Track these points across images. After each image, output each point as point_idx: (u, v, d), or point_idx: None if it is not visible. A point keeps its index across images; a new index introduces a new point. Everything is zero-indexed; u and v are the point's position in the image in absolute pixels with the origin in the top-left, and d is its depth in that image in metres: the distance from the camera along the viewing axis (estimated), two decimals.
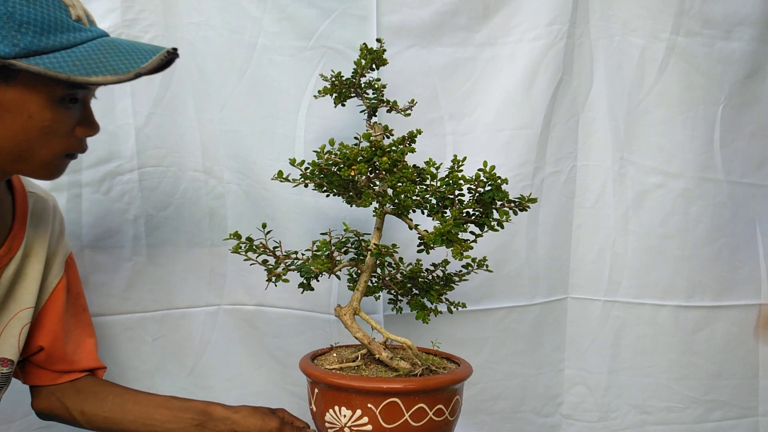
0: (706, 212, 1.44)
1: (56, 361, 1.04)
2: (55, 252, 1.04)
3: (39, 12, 0.76)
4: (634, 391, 1.50)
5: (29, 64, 0.74)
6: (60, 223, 1.08)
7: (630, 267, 1.47)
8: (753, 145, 1.46)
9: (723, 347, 1.48)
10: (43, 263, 1.00)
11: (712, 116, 1.43)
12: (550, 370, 1.51)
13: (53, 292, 1.04)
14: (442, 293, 1.08)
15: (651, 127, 1.43)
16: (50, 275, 1.04)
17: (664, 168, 1.44)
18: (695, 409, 1.49)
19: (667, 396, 1.49)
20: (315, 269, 0.94)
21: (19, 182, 1.00)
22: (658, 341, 1.48)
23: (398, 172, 0.95)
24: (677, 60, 1.41)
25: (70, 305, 1.08)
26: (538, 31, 1.40)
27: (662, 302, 1.46)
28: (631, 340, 1.49)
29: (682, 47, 1.41)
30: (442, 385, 0.94)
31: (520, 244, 1.46)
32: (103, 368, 1.11)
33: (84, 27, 0.82)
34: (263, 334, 1.42)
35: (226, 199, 1.39)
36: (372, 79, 1.09)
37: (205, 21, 1.33)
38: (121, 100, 1.31)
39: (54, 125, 0.81)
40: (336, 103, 1.09)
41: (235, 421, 0.99)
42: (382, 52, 1.06)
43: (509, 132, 1.42)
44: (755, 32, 1.42)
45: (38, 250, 1.00)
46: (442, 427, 0.94)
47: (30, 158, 0.83)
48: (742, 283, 1.48)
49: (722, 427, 1.50)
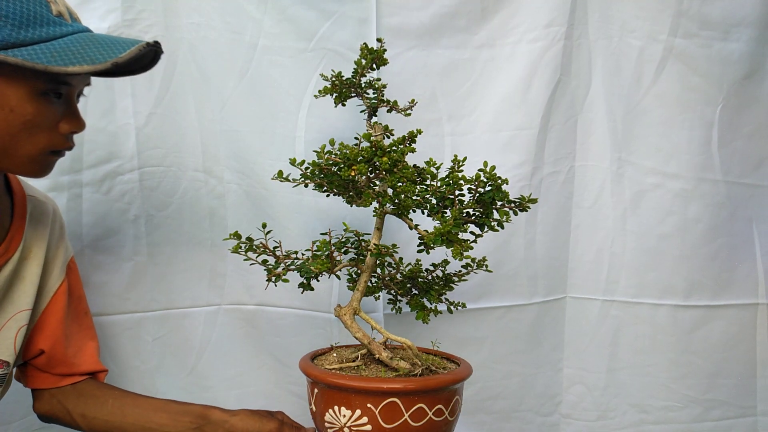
0: (705, 212, 1.43)
1: (57, 365, 1.04)
2: (54, 255, 1.04)
3: (18, 6, 0.77)
4: (633, 391, 1.49)
5: (6, 55, 0.74)
6: (60, 227, 1.07)
7: (628, 267, 1.45)
8: (751, 146, 1.44)
9: (721, 346, 1.46)
10: (41, 266, 0.99)
11: (710, 117, 1.41)
12: (549, 370, 1.50)
13: (54, 296, 1.03)
14: (441, 293, 1.06)
15: (649, 127, 1.42)
16: (51, 279, 1.03)
17: (662, 168, 1.42)
18: (694, 408, 1.47)
19: (666, 395, 1.47)
20: (315, 269, 0.92)
21: (18, 185, 0.99)
22: (656, 340, 1.46)
23: (398, 173, 0.93)
24: (675, 61, 1.39)
25: (72, 309, 1.07)
26: (537, 33, 1.38)
27: (660, 301, 1.45)
28: (629, 340, 1.47)
29: (680, 48, 1.39)
30: (442, 385, 0.92)
31: (518, 243, 1.44)
32: (105, 371, 1.10)
33: (65, 22, 0.82)
34: (264, 333, 1.40)
35: (227, 199, 1.37)
36: (372, 79, 1.07)
37: (205, 21, 1.31)
38: (122, 100, 1.30)
39: (36, 119, 0.81)
40: (336, 103, 1.08)
41: (233, 425, 0.98)
42: (382, 52, 1.04)
43: (508, 133, 1.41)
44: (753, 33, 1.40)
45: (37, 252, 0.99)
46: (441, 427, 0.92)
47: (14, 153, 0.82)
48: (739, 283, 1.46)
49: (720, 426, 1.49)
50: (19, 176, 0.98)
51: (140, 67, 0.90)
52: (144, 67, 0.90)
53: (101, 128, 1.29)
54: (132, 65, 0.86)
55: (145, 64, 0.90)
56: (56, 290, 1.03)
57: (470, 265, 1.06)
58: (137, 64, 0.88)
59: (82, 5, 1.25)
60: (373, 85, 1.07)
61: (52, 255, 1.03)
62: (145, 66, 0.90)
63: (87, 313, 1.12)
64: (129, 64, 0.81)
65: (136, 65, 0.88)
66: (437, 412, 0.90)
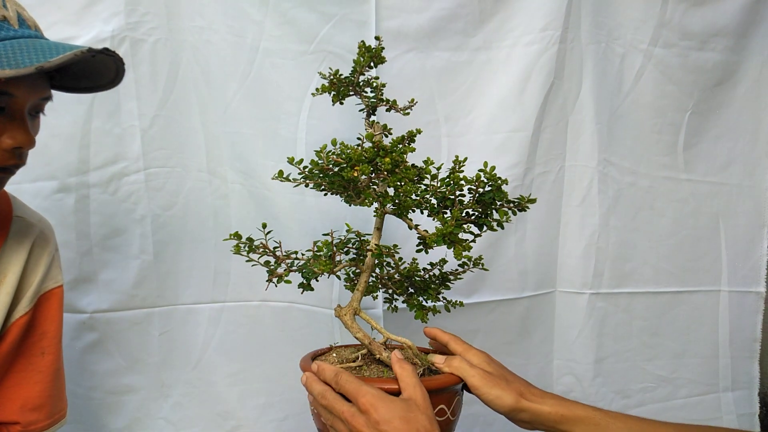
0: (668, 207, 1.47)
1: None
2: (27, 283, 0.90)
3: None
4: (617, 378, 1.49)
5: None
6: (48, 254, 0.93)
7: (611, 260, 1.46)
8: (719, 147, 1.49)
9: (686, 329, 1.51)
10: (11, 294, 0.86)
11: (679, 122, 1.45)
12: (540, 361, 1.48)
13: (10, 327, 0.88)
14: (439, 292, 1.01)
15: (626, 131, 1.43)
16: (17, 307, 0.88)
17: (636, 168, 1.45)
18: (665, 387, 1.51)
19: (642, 377, 1.51)
20: (317, 270, 0.86)
21: (6, 205, 0.90)
22: (632, 326, 1.48)
23: (400, 173, 0.88)
24: (653, 69, 1.42)
25: (26, 345, 0.90)
26: (532, 36, 1.34)
27: (635, 290, 1.47)
28: (611, 329, 1.48)
29: (659, 58, 1.41)
30: (444, 385, 0.87)
31: (509, 240, 1.41)
32: (22, 425, 0.89)
33: (9, 27, 0.73)
34: (267, 328, 1.36)
35: (230, 199, 1.33)
36: (370, 78, 1.00)
37: (208, 25, 1.26)
38: (127, 102, 1.25)
39: None
40: (334, 101, 1.01)
41: None
42: (380, 50, 0.97)
43: (503, 134, 1.37)
44: (729, 43, 1.43)
45: (10, 278, 0.86)
46: (443, 427, 0.87)
47: None
48: (704, 271, 1.50)
49: (689, 403, 1.53)
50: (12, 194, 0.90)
51: (108, 81, 0.82)
52: (112, 81, 0.83)
53: (107, 131, 1.25)
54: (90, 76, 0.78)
55: (111, 78, 0.82)
56: (14, 321, 0.88)
57: (467, 264, 1.00)
58: (91, 74, 0.79)
59: (86, 9, 1.21)
60: (371, 83, 1.00)
61: (25, 282, 0.89)
62: (113, 80, 0.83)
63: (46, 354, 0.92)
64: (67, 69, 0.72)
65: (96, 76, 0.80)
66: (439, 412, 0.85)
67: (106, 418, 1.32)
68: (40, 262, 0.92)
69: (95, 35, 1.20)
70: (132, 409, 1.33)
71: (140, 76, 1.24)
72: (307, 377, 0.82)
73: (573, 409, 0.81)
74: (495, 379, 0.83)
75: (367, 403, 0.72)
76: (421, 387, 0.77)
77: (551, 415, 0.81)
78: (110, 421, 1.32)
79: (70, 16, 1.20)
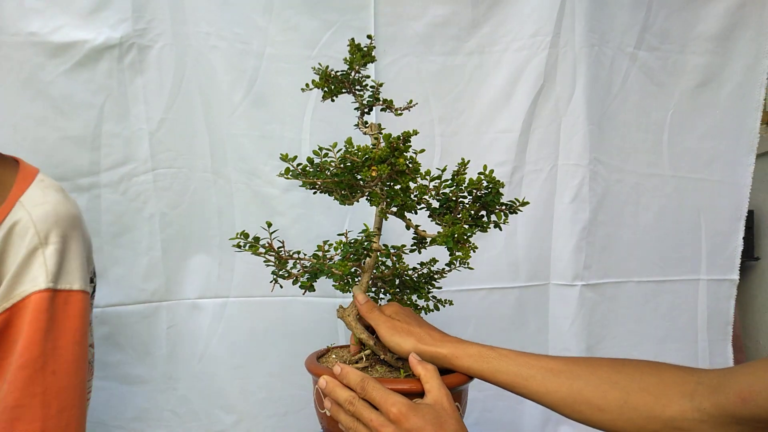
0: (653, 202, 1.47)
1: None
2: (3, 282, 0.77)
3: None
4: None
5: None
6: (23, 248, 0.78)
7: (598, 252, 1.46)
8: (703, 145, 1.48)
9: (668, 315, 1.51)
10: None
11: (662, 121, 1.45)
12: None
13: None
14: (429, 291, 0.99)
15: (614, 130, 1.43)
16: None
17: (623, 166, 1.45)
18: None
19: None
20: (337, 271, 0.83)
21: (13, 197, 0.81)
22: (618, 314, 1.49)
23: (410, 174, 0.86)
24: (638, 72, 1.42)
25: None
26: (522, 42, 1.34)
27: (621, 279, 1.48)
28: (599, 317, 1.48)
29: (643, 60, 1.42)
30: (458, 384, 0.83)
31: (498, 234, 1.37)
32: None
33: None
34: (270, 322, 1.35)
35: (234, 198, 1.31)
36: (361, 76, 0.97)
37: (214, 31, 1.24)
38: (135, 106, 1.24)
39: None
40: (325, 98, 0.98)
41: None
42: (372, 49, 0.94)
43: (491, 135, 1.38)
44: (710, 46, 1.43)
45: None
46: None
47: None
48: (685, 261, 1.51)
49: None
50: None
51: None
52: None
53: (117, 133, 1.24)
54: None
55: None
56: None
57: (453, 263, 0.97)
58: None
59: (92, 14, 1.19)
60: (362, 81, 0.97)
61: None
62: None
63: (25, 368, 0.74)
64: None
65: None
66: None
67: (117, 409, 1.31)
68: (9, 253, 0.78)
69: (104, 41, 1.19)
70: (141, 400, 1.32)
71: (148, 81, 1.23)
72: (328, 382, 0.76)
73: (467, 348, 0.81)
74: (398, 328, 0.84)
75: (398, 413, 0.69)
76: (445, 388, 0.75)
77: (447, 356, 0.81)
78: (120, 411, 1.31)
79: (76, 20, 1.18)
